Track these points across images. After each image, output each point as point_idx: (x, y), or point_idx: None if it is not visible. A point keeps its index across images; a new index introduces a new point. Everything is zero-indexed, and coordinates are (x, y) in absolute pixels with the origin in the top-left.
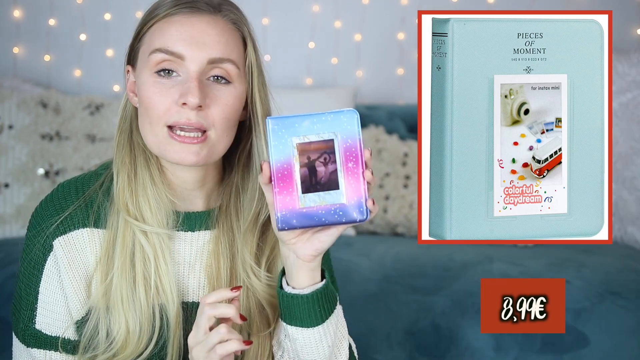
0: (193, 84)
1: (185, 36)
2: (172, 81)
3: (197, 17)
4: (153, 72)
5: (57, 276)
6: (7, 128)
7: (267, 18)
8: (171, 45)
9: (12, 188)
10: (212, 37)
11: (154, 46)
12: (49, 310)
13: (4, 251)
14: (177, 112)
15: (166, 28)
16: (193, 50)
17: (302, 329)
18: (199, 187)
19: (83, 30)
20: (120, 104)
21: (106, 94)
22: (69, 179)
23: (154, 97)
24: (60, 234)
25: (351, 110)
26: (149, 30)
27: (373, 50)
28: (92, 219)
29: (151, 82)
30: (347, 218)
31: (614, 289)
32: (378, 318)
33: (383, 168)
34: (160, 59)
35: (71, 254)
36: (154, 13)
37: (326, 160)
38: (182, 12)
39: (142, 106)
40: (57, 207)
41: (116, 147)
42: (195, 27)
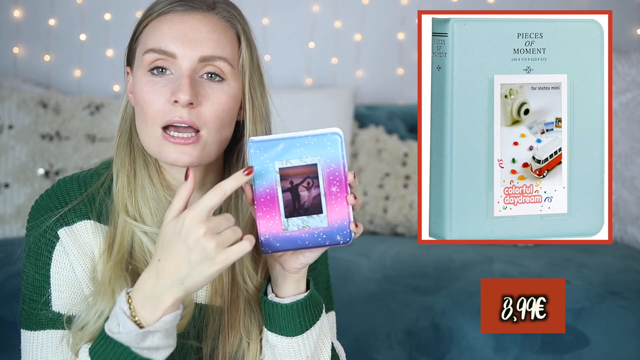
0: (184, 81)
1: (177, 34)
2: (164, 79)
3: (190, 15)
4: (146, 71)
5: (67, 260)
6: (7, 128)
7: (267, 18)
8: (163, 44)
9: (12, 188)
10: (204, 35)
11: (148, 46)
12: (64, 292)
13: (4, 251)
14: (169, 111)
15: (159, 27)
16: (185, 48)
17: (281, 337)
18: (197, 189)
19: (83, 30)
20: (122, 105)
21: (106, 94)
22: (69, 175)
23: (148, 97)
24: (65, 224)
25: (334, 133)
26: (144, 30)
27: (373, 50)
28: (95, 214)
29: (144, 81)
30: (330, 241)
31: (614, 289)
32: (378, 318)
33: (383, 168)
34: (153, 59)
35: (78, 243)
36: (148, 12)
37: (309, 185)
38: (175, 10)
39: (138, 106)
40: (59, 199)
41: (116, 148)
42: (187, 24)
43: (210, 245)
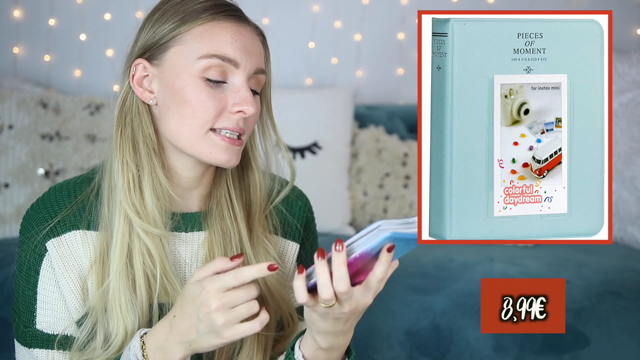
0: (248, 94)
1: (240, 45)
2: (221, 87)
3: (244, 27)
4: (202, 75)
5: (53, 276)
6: (7, 128)
7: (267, 18)
8: (230, 52)
9: (12, 188)
10: (257, 48)
11: (206, 50)
12: (49, 310)
13: (4, 251)
14: (227, 117)
15: (218, 32)
16: (247, 60)
17: None
18: (196, 188)
19: (83, 30)
20: (118, 99)
21: (106, 94)
22: (61, 182)
23: (207, 101)
24: (53, 236)
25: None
26: (189, 30)
27: (373, 50)
28: (85, 222)
29: (201, 85)
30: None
31: (614, 289)
32: (378, 318)
33: (383, 168)
34: (215, 64)
35: (65, 255)
36: (195, 14)
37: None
38: (230, 19)
39: (184, 106)
40: (49, 210)
41: (117, 146)
42: (245, 36)
43: (218, 322)
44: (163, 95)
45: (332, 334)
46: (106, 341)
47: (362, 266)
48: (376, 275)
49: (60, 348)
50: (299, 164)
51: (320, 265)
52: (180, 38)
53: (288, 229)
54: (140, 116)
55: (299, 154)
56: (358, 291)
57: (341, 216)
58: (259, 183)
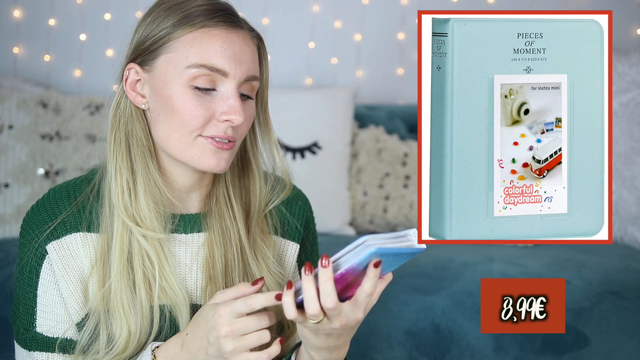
0: (237, 103)
1: (229, 53)
2: (210, 95)
3: (236, 33)
4: (190, 84)
5: (53, 279)
6: (7, 128)
7: (267, 18)
8: (217, 62)
9: (12, 188)
10: (248, 55)
11: (195, 60)
12: (49, 313)
13: (4, 251)
14: (215, 126)
15: (207, 41)
16: (236, 68)
17: None
18: (195, 190)
19: (83, 30)
20: (113, 102)
21: (106, 94)
22: (60, 184)
23: (195, 110)
24: (54, 238)
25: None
26: (180, 37)
27: (373, 50)
28: (85, 223)
29: (189, 93)
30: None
31: (614, 289)
32: (378, 318)
33: (383, 168)
34: (203, 74)
35: (65, 257)
36: (185, 21)
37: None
38: (221, 26)
39: (173, 114)
40: (49, 212)
41: (112, 150)
42: (235, 43)
43: (227, 348)
44: (154, 102)
45: (326, 350)
46: (109, 342)
47: (351, 280)
48: (364, 291)
49: (61, 351)
50: (299, 164)
51: (306, 281)
52: (170, 45)
53: (288, 229)
54: (134, 120)
55: (299, 154)
56: (347, 307)
57: (341, 216)
58: (259, 183)
